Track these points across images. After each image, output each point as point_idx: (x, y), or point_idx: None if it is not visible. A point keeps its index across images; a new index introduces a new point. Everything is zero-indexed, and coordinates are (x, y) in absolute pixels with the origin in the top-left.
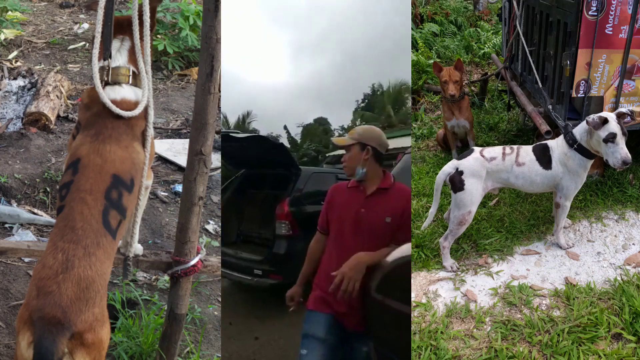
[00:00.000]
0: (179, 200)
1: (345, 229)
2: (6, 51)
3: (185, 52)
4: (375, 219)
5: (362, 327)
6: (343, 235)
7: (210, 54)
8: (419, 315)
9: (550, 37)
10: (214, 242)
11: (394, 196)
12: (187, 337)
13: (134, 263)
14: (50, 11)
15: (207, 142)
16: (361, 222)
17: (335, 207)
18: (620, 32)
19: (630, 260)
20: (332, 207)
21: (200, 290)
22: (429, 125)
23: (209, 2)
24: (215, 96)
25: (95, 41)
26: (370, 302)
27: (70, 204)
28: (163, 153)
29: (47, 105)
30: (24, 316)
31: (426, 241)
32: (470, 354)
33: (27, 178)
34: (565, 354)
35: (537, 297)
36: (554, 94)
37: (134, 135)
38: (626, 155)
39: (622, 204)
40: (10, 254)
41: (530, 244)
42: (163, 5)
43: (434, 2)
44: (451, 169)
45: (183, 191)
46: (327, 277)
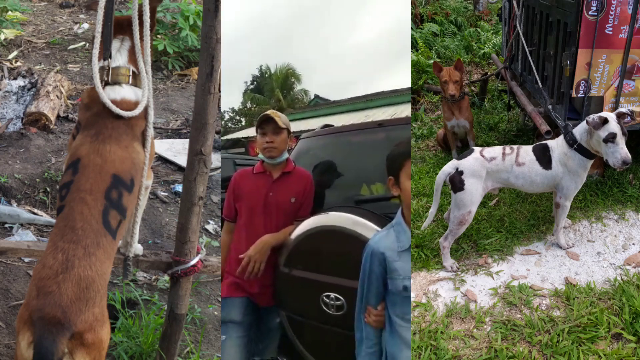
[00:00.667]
0: (179, 200)
1: (255, 214)
2: (6, 51)
3: (185, 52)
4: (282, 201)
5: (275, 301)
6: (252, 220)
7: (210, 54)
8: (419, 315)
9: (550, 37)
10: (214, 242)
11: (296, 178)
12: (187, 337)
13: (134, 263)
14: (50, 11)
15: (207, 142)
16: (270, 205)
17: (243, 193)
18: (620, 32)
19: (630, 260)
20: (240, 194)
21: (200, 290)
22: (429, 125)
23: (209, 2)
24: (215, 96)
25: (95, 41)
26: (280, 277)
27: (70, 204)
28: (163, 153)
29: (47, 105)
30: (24, 316)
31: (426, 241)
32: (470, 354)
33: (27, 178)
34: (565, 354)
35: (537, 297)
36: (554, 94)
37: (134, 135)
38: (626, 155)
39: (622, 204)
40: (10, 254)
41: (530, 244)
42: (163, 5)
43: (434, 2)
44: (451, 169)
45: (183, 191)
46: (237, 262)
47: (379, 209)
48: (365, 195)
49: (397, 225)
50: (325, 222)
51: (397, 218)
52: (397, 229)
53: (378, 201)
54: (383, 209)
